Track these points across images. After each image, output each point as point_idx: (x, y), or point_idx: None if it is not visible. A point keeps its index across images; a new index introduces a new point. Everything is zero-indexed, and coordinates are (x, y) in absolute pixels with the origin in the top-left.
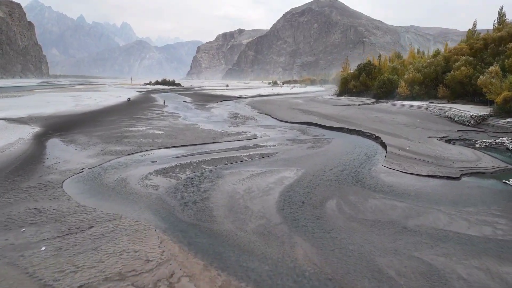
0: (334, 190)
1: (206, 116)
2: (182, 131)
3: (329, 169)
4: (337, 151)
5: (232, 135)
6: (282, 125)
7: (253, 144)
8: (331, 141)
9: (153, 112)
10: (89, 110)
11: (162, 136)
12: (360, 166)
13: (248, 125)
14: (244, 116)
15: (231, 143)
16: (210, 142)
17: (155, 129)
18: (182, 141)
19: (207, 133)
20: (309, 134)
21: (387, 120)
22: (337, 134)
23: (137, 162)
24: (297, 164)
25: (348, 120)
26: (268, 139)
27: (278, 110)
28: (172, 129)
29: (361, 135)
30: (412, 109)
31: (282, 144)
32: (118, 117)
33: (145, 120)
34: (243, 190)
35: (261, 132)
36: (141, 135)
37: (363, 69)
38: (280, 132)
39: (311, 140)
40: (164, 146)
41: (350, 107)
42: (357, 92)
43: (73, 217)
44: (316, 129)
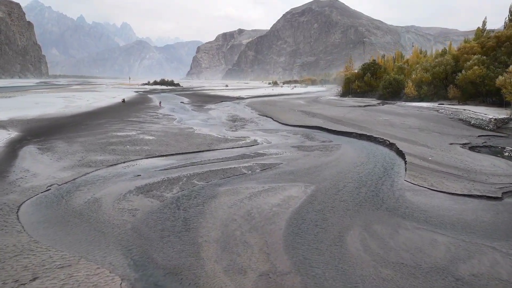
0: (353, 216)
1: (203, 118)
2: (175, 137)
3: (343, 185)
4: (349, 161)
5: (230, 141)
6: (285, 129)
7: (253, 152)
8: (340, 148)
9: (147, 114)
10: (79, 112)
11: (152, 143)
12: (379, 181)
13: (248, 129)
14: (244, 118)
15: (229, 151)
16: (205, 150)
17: (146, 134)
18: (173, 148)
19: (202, 139)
20: (315, 139)
21: (397, 124)
22: (346, 140)
23: (118, 176)
24: (305, 179)
25: (355, 124)
26: (270, 145)
27: (279, 112)
28: (165, 134)
29: (373, 141)
30: (422, 111)
31: (285, 152)
32: (108, 119)
33: (137, 124)
34: (241, 217)
35: (262, 137)
36: (129, 141)
37: (368, 68)
38: (282, 137)
39: (318, 147)
40: (153, 155)
41: (355, 108)
42: (361, 92)
43: (16, 261)
44: (322, 133)
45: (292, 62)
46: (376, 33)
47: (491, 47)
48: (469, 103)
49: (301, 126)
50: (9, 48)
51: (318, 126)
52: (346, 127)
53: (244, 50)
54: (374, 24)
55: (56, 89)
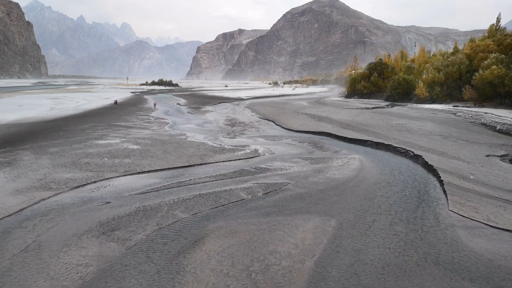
0: (398, 277)
1: (199, 122)
2: (164, 146)
3: (371, 219)
4: (371, 179)
5: (226, 152)
6: (289, 135)
7: (254, 167)
8: (356, 161)
9: (138, 117)
10: (63, 115)
11: (136, 154)
12: (417, 212)
13: (248, 135)
14: (243, 122)
15: (225, 164)
16: (196, 163)
17: (131, 142)
18: (159, 162)
19: (195, 149)
20: (325, 149)
21: (414, 129)
22: (361, 150)
23: (80, 204)
24: (321, 207)
25: (367, 129)
26: (273, 157)
27: (282, 115)
28: (153, 142)
29: (393, 151)
30: (437, 114)
31: (292, 166)
32: (94, 124)
33: (124, 129)
34: (237, 279)
35: (264, 146)
36: (108, 151)
37: (374, 68)
38: (287, 146)
39: (331, 159)
40: (132, 172)
41: (363, 111)
42: (367, 93)
43: None
44: (332, 141)
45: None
46: (376, 33)
47: (509, 45)
48: (486, 105)
49: (307, 132)
50: (8, 48)
51: (326, 132)
52: (359, 134)
53: (244, 50)
54: (374, 24)
55: (50, 90)
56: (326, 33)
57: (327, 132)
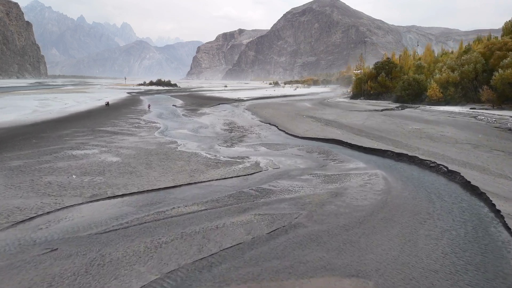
0: None
1: (193, 127)
2: (149, 157)
3: (427, 283)
4: (405, 209)
5: (222, 165)
6: (295, 143)
7: (254, 188)
8: (380, 180)
9: (127, 121)
10: (45, 119)
11: (112, 169)
12: (483, 267)
13: (248, 142)
14: (243, 127)
15: (219, 184)
16: (183, 183)
17: (112, 152)
18: (138, 180)
19: (185, 161)
20: (339, 161)
21: (436, 136)
22: (382, 163)
23: (13, 253)
24: (348, 259)
25: (382, 135)
26: (278, 173)
27: (284, 118)
28: (137, 152)
29: (419, 165)
30: (455, 117)
31: (302, 187)
32: (76, 129)
33: (108, 136)
34: None
35: (266, 157)
36: (81, 166)
37: (382, 67)
38: (294, 157)
39: (348, 177)
40: (101, 197)
41: (373, 114)
42: (374, 94)
43: None
44: (345, 151)
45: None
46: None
47: None
48: (505, 107)
49: (315, 139)
50: (7, 48)
51: (337, 140)
52: (374, 142)
53: (245, 50)
54: (375, 24)
55: (44, 90)
56: (327, 33)
57: (338, 140)
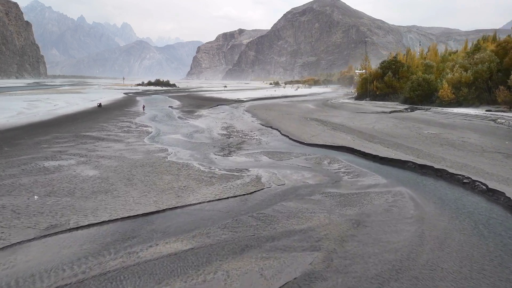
0: None
1: (188, 132)
2: (132, 170)
3: None
4: (450, 246)
5: (217, 181)
6: (300, 151)
7: (255, 215)
8: (408, 202)
9: (117, 124)
10: (27, 122)
11: (85, 187)
12: None
13: (247, 150)
14: (242, 131)
15: (212, 208)
16: (168, 207)
17: (91, 164)
18: (113, 203)
19: (173, 176)
20: (354, 175)
21: (457, 142)
22: (405, 178)
23: None
24: None
25: (398, 142)
26: (283, 192)
27: (287, 121)
28: (119, 164)
29: (449, 181)
30: (472, 120)
31: (315, 212)
32: (56, 135)
33: (91, 142)
34: None
35: (268, 170)
36: (48, 182)
37: (388, 67)
38: (301, 170)
39: (368, 196)
40: (60, 229)
41: (381, 116)
42: (381, 95)
43: None
44: (359, 161)
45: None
46: (378, 33)
47: None
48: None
49: (323, 147)
50: (6, 48)
51: (348, 147)
52: (391, 150)
53: (245, 50)
54: (375, 24)
55: (39, 91)
56: (327, 33)
57: (350, 147)
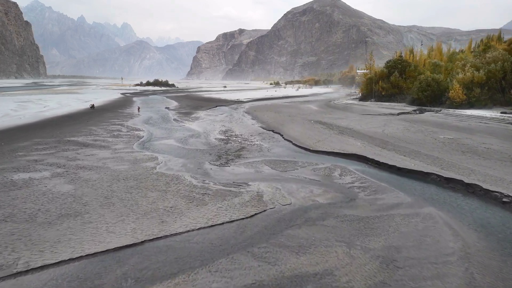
0: None
1: (183, 136)
2: (113, 186)
3: None
4: None
5: (210, 200)
6: (306, 159)
7: (255, 251)
8: (444, 231)
9: (108, 128)
10: (11, 125)
11: (53, 208)
12: None
13: (247, 159)
14: (241, 136)
15: (202, 238)
16: (148, 238)
17: (67, 176)
18: (80, 233)
19: (160, 193)
20: (371, 191)
21: (481, 150)
22: (432, 195)
23: None
24: None
25: (414, 149)
26: (289, 214)
27: (290, 124)
28: (99, 177)
29: (484, 199)
30: (488, 123)
31: (330, 245)
32: (38, 140)
33: (74, 149)
34: None
35: (271, 184)
36: (10, 201)
37: (394, 66)
38: (309, 184)
39: (392, 219)
40: (0, 275)
41: (390, 118)
42: (386, 95)
43: None
44: (373, 171)
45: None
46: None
47: None
48: None
49: (332, 154)
50: (5, 48)
51: (359, 155)
52: (408, 159)
53: (245, 50)
54: (376, 24)
55: (34, 91)
56: (327, 32)
57: (361, 155)
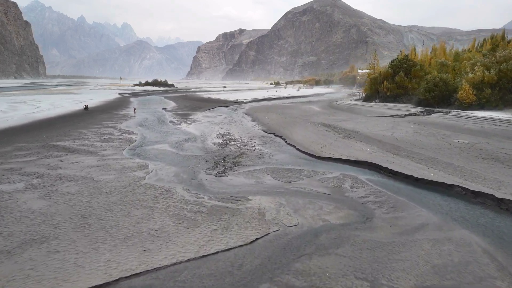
0: None
1: (178, 140)
2: (92, 201)
3: None
4: None
5: (203, 219)
6: (311, 167)
7: None
8: (485, 263)
9: (99, 131)
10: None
11: (16, 232)
12: None
13: (246, 167)
14: (241, 140)
15: (190, 275)
16: (123, 275)
17: (43, 189)
18: (41, 268)
19: (146, 211)
20: (388, 207)
21: (503, 157)
22: (461, 213)
23: None
24: None
25: (429, 155)
26: (296, 239)
27: (292, 127)
28: (79, 189)
29: None
30: (503, 126)
31: (350, 285)
32: (20, 145)
33: (58, 155)
34: None
35: (274, 198)
36: None
37: (399, 66)
38: (317, 198)
39: (420, 250)
40: None
41: (397, 120)
42: (391, 96)
43: None
44: (388, 182)
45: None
46: (378, 33)
47: None
48: None
49: (339, 161)
50: (4, 48)
51: (370, 163)
52: (425, 167)
53: (245, 50)
54: (376, 24)
55: (31, 91)
56: (328, 32)
57: (372, 163)
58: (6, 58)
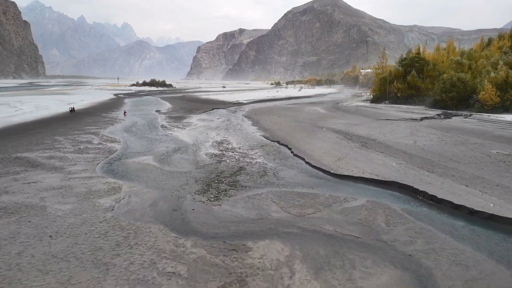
0: None
1: (166, 150)
2: (21, 254)
3: None
4: None
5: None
6: (329, 191)
7: None
8: None
9: (77, 138)
10: None
11: None
12: None
13: (245, 190)
14: (239, 150)
15: None
16: None
17: None
18: None
19: (93, 280)
20: (450, 263)
21: None
22: None
23: None
24: None
25: (469, 171)
26: None
27: (298, 132)
28: (12, 232)
29: None
30: None
31: None
32: None
33: (15, 172)
34: None
35: (282, 243)
36: None
37: (411, 65)
38: (342, 245)
39: None
40: None
41: (414, 125)
42: (402, 97)
43: None
44: (432, 216)
45: (293, 62)
46: (379, 33)
47: None
48: None
49: (360, 180)
50: (3, 48)
51: (400, 183)
52: (477, 192)
53: (245, 50)
54: (377, 23)
55: (23, 92)
56: (328, 32)
57: (404, 184)
58: (4, 58)
